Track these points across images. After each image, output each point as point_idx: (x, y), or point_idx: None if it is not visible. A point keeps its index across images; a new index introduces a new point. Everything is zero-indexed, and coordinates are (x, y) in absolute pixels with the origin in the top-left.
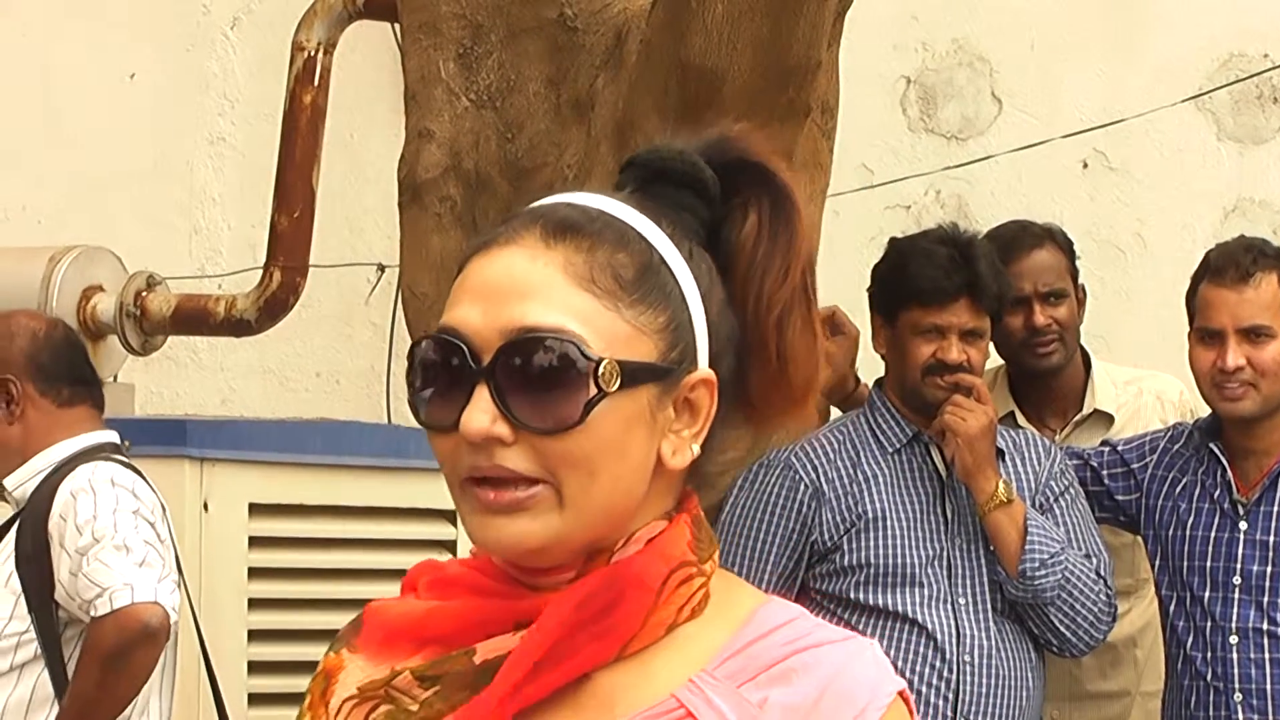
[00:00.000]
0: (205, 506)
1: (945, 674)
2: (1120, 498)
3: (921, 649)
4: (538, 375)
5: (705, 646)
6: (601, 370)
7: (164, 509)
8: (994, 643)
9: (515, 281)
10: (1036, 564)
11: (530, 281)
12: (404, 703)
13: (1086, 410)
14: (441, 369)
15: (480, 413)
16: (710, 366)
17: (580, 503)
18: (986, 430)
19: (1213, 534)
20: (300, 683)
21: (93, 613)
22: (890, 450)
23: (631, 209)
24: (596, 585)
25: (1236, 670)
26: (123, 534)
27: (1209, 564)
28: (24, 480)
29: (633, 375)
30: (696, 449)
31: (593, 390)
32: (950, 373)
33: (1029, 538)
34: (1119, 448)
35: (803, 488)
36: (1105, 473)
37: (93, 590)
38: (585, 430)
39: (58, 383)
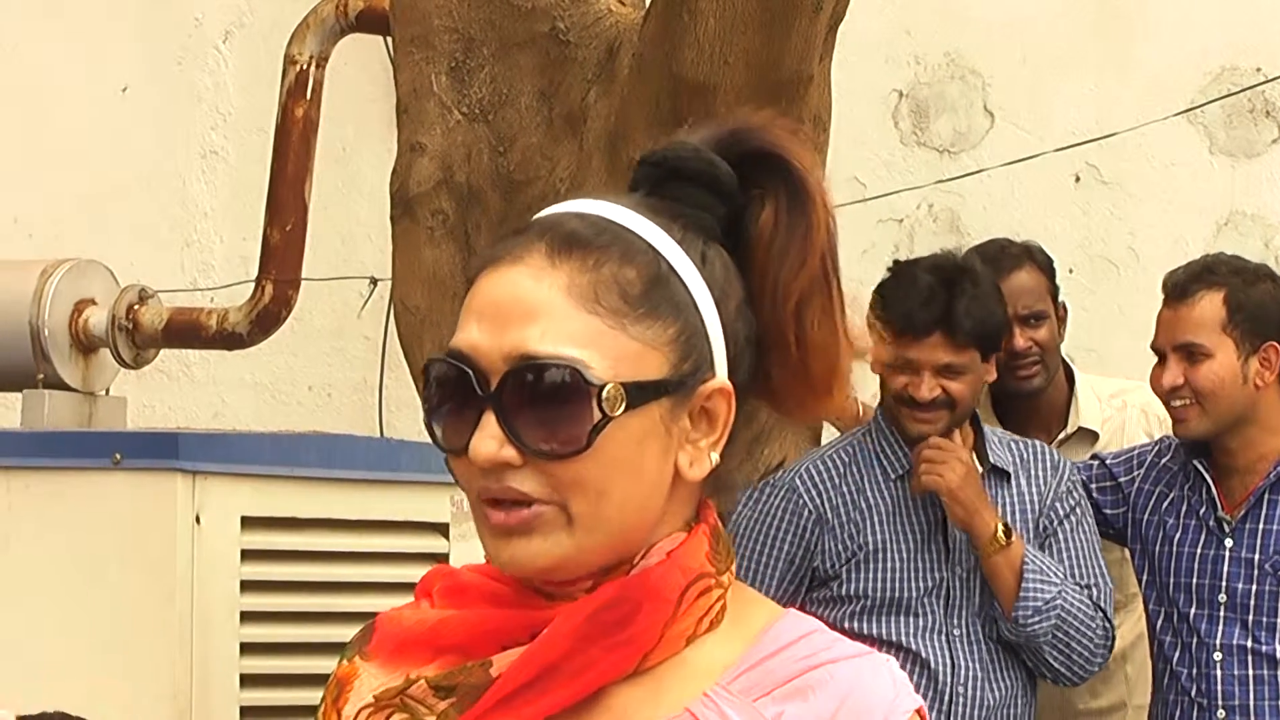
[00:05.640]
0: (197, 520)
1: (939, 704)
2: (1108, 511)
3: (916, 677)
4: (542, 401)
5: (719, 660)
6: (605, 394)
7: None
8: (987, 671)
9: (519, 304)
10: (1029, 611)
11: (534, 304)
12: (420, 712)
13: (1070, 429)
14: (452, 391)
15: (488, 439)
16: (730, 370)
17: (590, 522)
18: (967, 476)
19: (1199, 550)
20: (293, 696)
21: None
22: (893, 477)
23: (641, 217)
24: (612, 596)
25: (1220, 687)
26: None
27: (1195, 581)
28: None
29: (640, 395)
30: (715, 458)
31: (597, 415)
32: (921, 409)
33: (1024, 582)
34: (1107, 461)
35: (806, 512)
36: (1094, 486)
37: None
38: (593, 454)
39: None
